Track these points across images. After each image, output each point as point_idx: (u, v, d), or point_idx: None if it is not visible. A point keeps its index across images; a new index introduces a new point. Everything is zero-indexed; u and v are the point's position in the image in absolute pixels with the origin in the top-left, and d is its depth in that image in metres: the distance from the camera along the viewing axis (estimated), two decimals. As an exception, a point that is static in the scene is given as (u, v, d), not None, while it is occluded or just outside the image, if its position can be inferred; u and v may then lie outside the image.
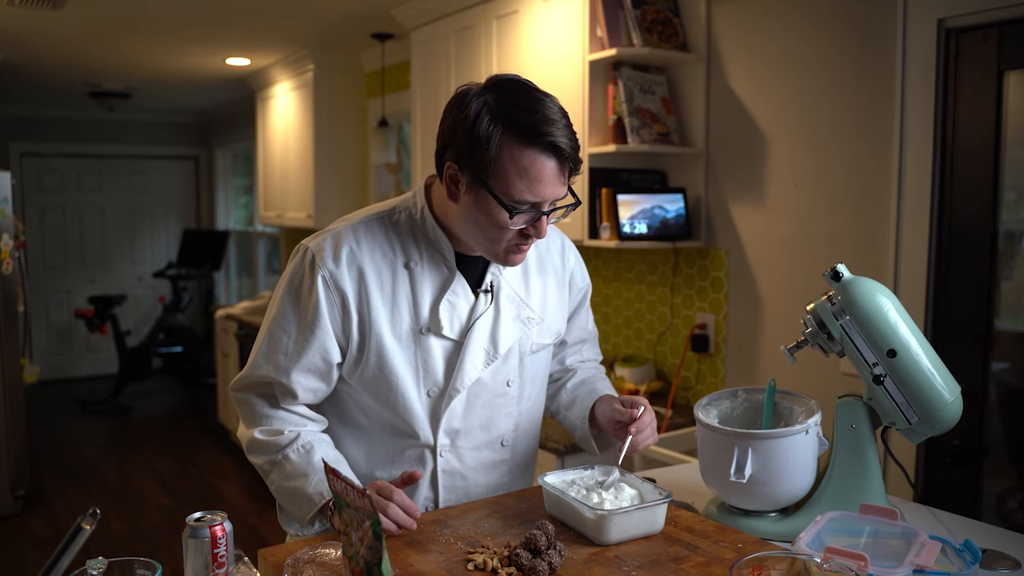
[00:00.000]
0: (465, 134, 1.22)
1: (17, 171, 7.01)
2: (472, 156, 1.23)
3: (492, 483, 1.47)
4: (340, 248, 1.33)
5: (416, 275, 1.35)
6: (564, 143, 1.22)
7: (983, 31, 2.01)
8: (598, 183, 2.74)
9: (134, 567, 1.00)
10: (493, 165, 1.22)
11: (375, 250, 1.34)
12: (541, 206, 1.25)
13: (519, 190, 1.22)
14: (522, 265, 1.45)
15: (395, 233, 1.36)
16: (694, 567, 1.13)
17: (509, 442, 1.47)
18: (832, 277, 1.31)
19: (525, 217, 1.25)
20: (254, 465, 1.40)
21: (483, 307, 1.38)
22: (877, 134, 2.24)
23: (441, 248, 1.36)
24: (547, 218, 1.27)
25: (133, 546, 3.81)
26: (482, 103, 1.23)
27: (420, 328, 1.35)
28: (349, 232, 1.35)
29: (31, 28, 4.11)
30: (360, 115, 5.01)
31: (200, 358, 7.13)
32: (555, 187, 1.25)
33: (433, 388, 1.37)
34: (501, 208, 1.23)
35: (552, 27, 2.85)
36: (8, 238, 4.12)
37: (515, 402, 1.45)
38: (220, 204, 7.82)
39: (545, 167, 1.22)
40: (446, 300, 1.35)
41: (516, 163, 1.21)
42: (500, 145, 1.21)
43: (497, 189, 1.23)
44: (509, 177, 1.22)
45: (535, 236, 1.28)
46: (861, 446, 1.33)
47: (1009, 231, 2.04)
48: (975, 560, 1.18)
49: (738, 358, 2.70)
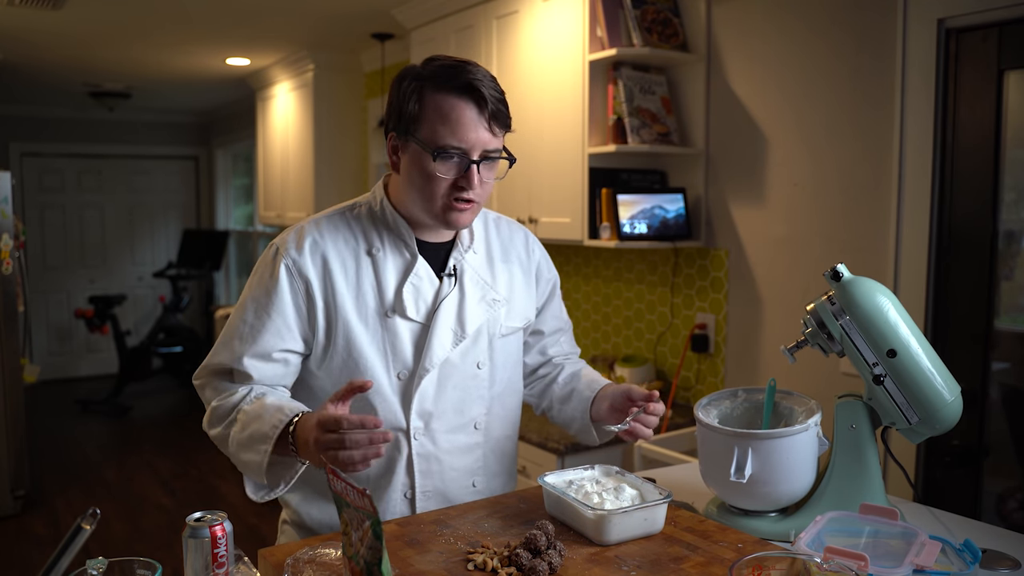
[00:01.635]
0: (397, 99, 1.33)
1: (17, 171, 7.01)
2: (401, 117, 1.32)
3: (467, 466, 1.47)
4: (303, 239, 1.38)
5: (379, 261, 1.40)
6: (482, 86, 1.28)
7: (983, 31, 2.01)
8: (598, 183, 2.74)
9: (134, 567, 1.00)
10: (418, 117, 1.30)
11: (338, 239, 1.39)
12: (468, 153, 1.30)
13: (442, 135, 1.29)
14: (486, 252, 1.50)
15: (357, 224, 1.42)
16: (694, 567, 1.13)
17: (482, 426, 1.48)
18: (832, 277, 1.31)
19: (454, 167, 1.30)
20: (215, 439, 1.37)
21: (448, 289, 1.42)
22: (877, 134, 2.24)
23: (401, 234, 1.41)
24: (478, 169, 1.31)
25: (133, 546, 3.81)
26: (408, 71, 1.34)
27: (386, 311, 1.38)
28: (312, 225, 1.41)
29: (31, 28, 4.11)
30: (360, 115, 5.01)
31: (200, 358, 7.08)
32: (478, 132, 1.29)
33: (403, 371, 1.39)
34: (429, 158, 1.29)
35: (552, 27, 2.85)
36: (8, 238, 4.12)
37: (487, 385, 1.47)
38: (220, 204, 7.82)
39: (464, 110, 1.28)
40: (409, 283, 1.39)
41: (437, 109, 1.29)
42: (421, 96, 1.30)
43: (423, 138, 1.30)
44: (432, 124, 1.29)
45: (467, 188, 1.31)
46: (861, 446, 1.33)
47: (1009, 231, 2.04)
48: (975, 560, 1.18)
49: (738, 358, 2.70)
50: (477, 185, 1.31)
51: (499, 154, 1.34)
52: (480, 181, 1.32)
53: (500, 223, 1.56)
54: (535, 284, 1.57)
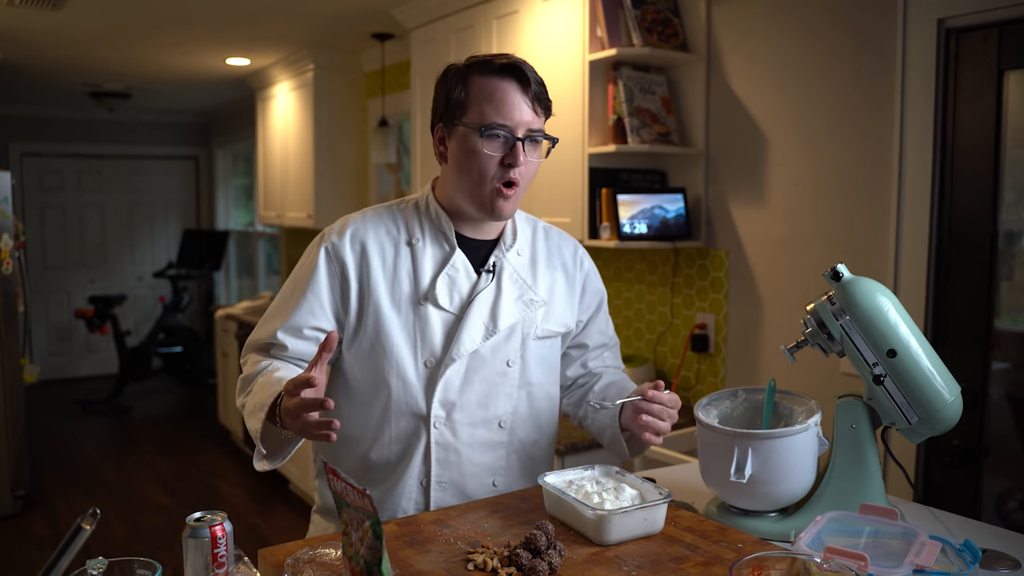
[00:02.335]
0: (440, 91, 1.40)
1: (17, 171, 7.01)
2: (448, 106, 1.38)
3: (488, 463, 1.47)
4: (346, 227, 1.45)
5: (418, 251, 1.44)
6: (523, 65, 1.36)
7: (983, 31, 2.01)
8: (598, 183, 2.74)
9: (134, 567, 1.00)
10: (464, 102, 1.37)
11: (380, 229, 1.45)
12: (514, 131, 1.35)
13: (488, 114, 1.34)
14: (531, 256, 1.52)
15: (401, 217, 1.48)
16: (694, 567, 1.13)
17: (507, 424, 1.48)
18: (832, 277, 1.31)
19: (500, 144, 1.35)
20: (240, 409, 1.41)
21: (484, 284, 1.44)
22: (877, 134, 2.24)
23: (442, 226, 1.45)
24: (523, 147, 1.35)
25: (133, 546, 3.81)
26: (451, 67, 1.41)
27: (419, 298, 1.41)
28: (358, 216, 1.48)
29: (31, 28, 4.11)
30: (360, 115, 5.01)
31: (200, 358, 7.13)
32: (521, 110, 1.35)
33: (430, 359, 1.41)
34: (477, 138, 1.35)
35: (552, 27, 2.85)
36: (8, 238, 4.12)
37: (515, 384, 1.47)
38: (220, 204, 7.82)
39: (508, 90, 1.35)
40: (445, 274, 1.42)
41: (482, 90, 1.35)
42: (467, 83, 1.37)
43: (470, 120, 1.36)
44: (479, 105, 1.35)
45: (514, 164, 1.35)
46: (861, 446, 1.33)
47: (1009, 231, 2.04)
48: (975, 560, 1.18)
49: (738, 358, 2.70)
50: (522, 163, 1.35)
51: (542, 134, 1.39)
52: (525, 159, 1.36)
53: (551, 232, 1.59)
54: (580, 295, 1.58)
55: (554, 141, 1.41)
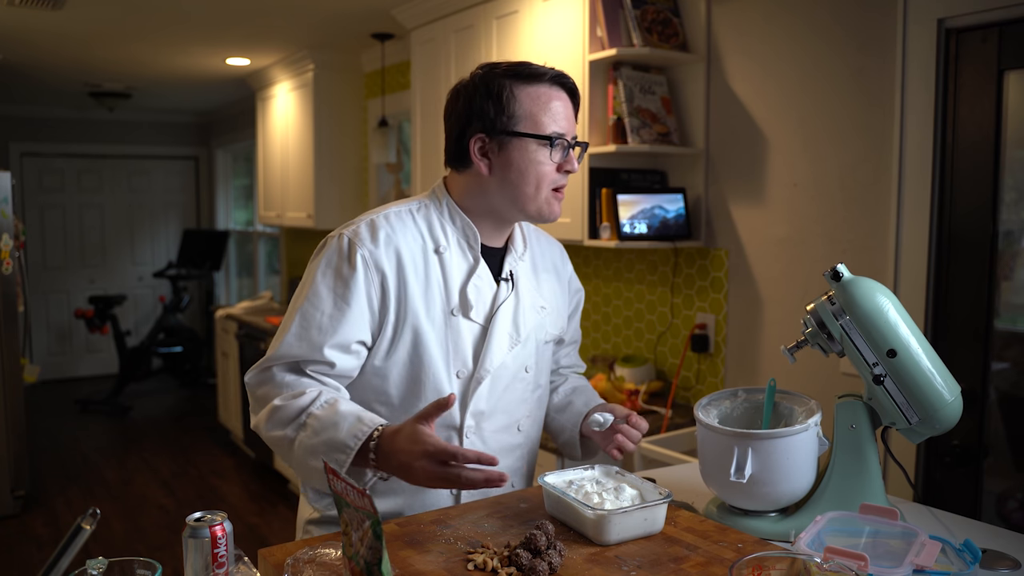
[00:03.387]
0: (483, 100, 1.36)
1: (17, 171, 7.01)
2: (496, 115, 1.36)
3: (509, 467, 1.50)
4: (377, 232, 1.37)
5: (446, 260, 1.41)
6: (566, 76, 1.40)
7: (983, 31, 2.01)
8: (598, 183, 2.74)
9: (134, 567, 1.00)
10: (518, 112, 1.36)
11: (407, 236, 1.39)
12: (567, 138, 1.39)
13: (546, 124, 1.36)
14: (531, 263, 1.53)
15: (424, 222, 1.43)
16: (694, 567, 1.13)
17: (524, 427, 1.51)
18: (832, 277, 1.31)
19: (560, 151, 1.38)
20: (274, 441, 1.33)
21: (505, 294, 1.45)
22: (877, 134, 2.24)
23: (468, 236, 1.43)
24: (574, 153, 1.40)
25: (133, 546, 3.81)
26: (481, 76, 1.38)
27: (451, 310, 1.40)
28: (383, 219, 1.40)
29: (31, 28, 4.11)
30: (360, 115, 5.01)
31: (200, 358, 7.13)
32: (570, 120, 1.40)
33: (463, 370, 1.41)
34: (540, 145, 1.36)
35: (552, 27, 2.85)
36: (8, 238, 4.12)
37: (531, 388, 1.51)
38: (220, 204, 7.82)
39: (559, 99, 1.39)
40: (472, 284, 1.41)
41: (537, 101, 1.36)
42: (518, 93, 1.36)
43: (530, 129, 1.36)
44: (536, 116, 1.36)
45: (570, 170, 1.40)
46: (861, 446, 1.33)
47: (1009, 231, 2.04)
48: (975, 560, 1.18)
49: (738, 358, 2.70)
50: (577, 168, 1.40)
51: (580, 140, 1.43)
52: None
53: (540, 235, 1.62)
54: (568, 296, 1.62)
55: (585, 146, 1.45)
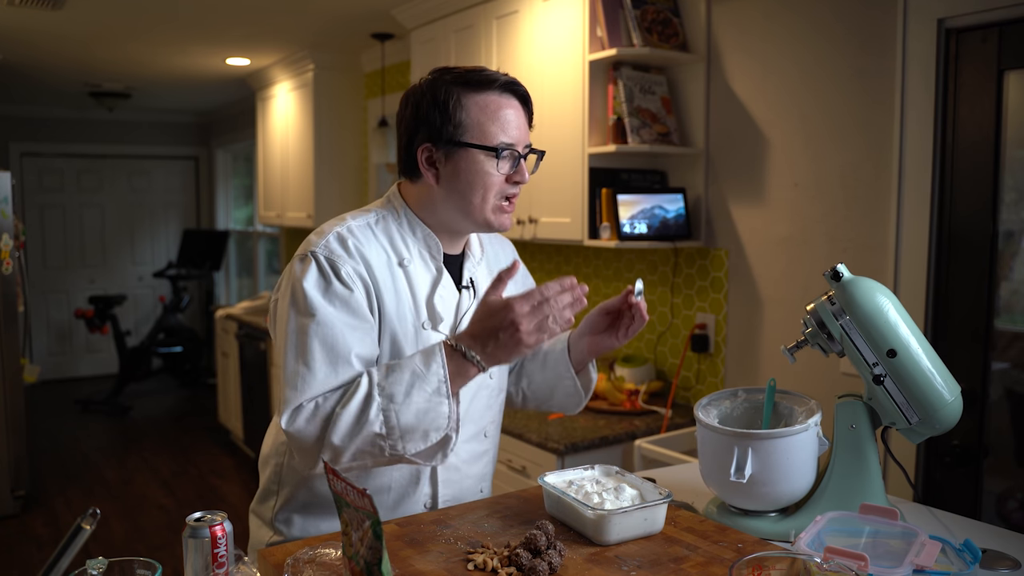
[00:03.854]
0: (430, 109, 1.32)
1: (17, 171, 7.01)
2: (443, 124, 1.32)
3: (478, 473, 1.50)
4: (347, 246, 1.31)
5: (411, 273, 1.38)
6: (517, 83, 1.35)
7: (983, 31, 2.01)
8: (598, 183, 2.74)
9: (134, 567, 1.00)
10: (465, 121, 1.32)
11: (372, 250, 1.34)
12: (518, 148, 1.35)
13: (494, 133, 1.32)
14: (487, 267, 1.52)
15: (384, 235, 1.38)
16: (694, 567, 1.13)
17: (490, 433, 1.51)
18: (832, 277, 1.31)
19: (508, 162, 1.34)
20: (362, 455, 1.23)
21: (467, 303, 1.43)
22: (877, 134, 2.24)
23: (430, 247, 1.40)
24: (525, 163, 1.36)
25: (133, 546, 3.81)
26: (430, 83, 1.34)
27: (421, 323, 1.38)
28: (347, 232, 1.34)
29: (31, 28, 4.11)
30: (360, 115, 5.01)
31: (200, 358, 7.13)
32: (522, 129, 1.35)
33: None
34: (486, 155, 1.32)
35: (552, 27, 2.85)
36: (8, 238, 4.12)
37: (495, 393, 1.50)
38: (220, 204, 7.82)
39: (510, 107, 1.34)
40: (438, 295, 1.39)
41: (484, 110, 1.32)
42: (465, 102, 1.32)
43: (477, 140, 1.32)
44: (483, 125, 1.32)
45: (520, 181, 1.36)
46: (861, 446, 1.33)
47: (1009, 231, 2.04)
48: (975, 560, 1.18)
49: (738, 358, 2.70)
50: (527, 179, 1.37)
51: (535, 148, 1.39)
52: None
53: (491, 237, 1.59)
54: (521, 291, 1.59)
55: (542, 154, 1.41)
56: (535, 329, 1.19)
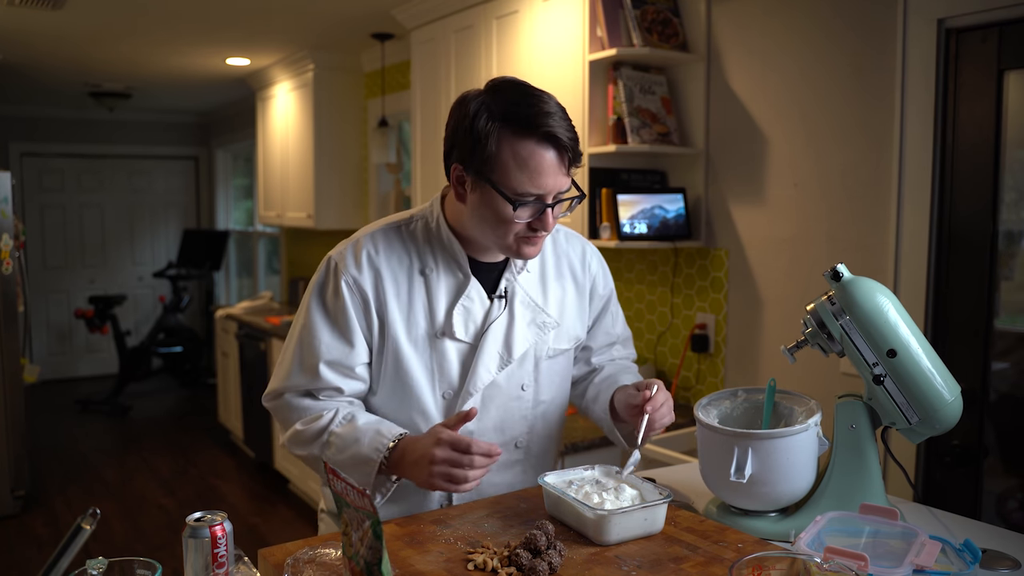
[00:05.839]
0: (466, 134, 1.28)
1: (17, 171, 7.01)
2: (474, 154, 1.27)
3: (507, 482, 1.49)
4: (360, 254, 1.38)
5: (431, 281, 1.39)
6: (561, 132, 1.26)
7: (983, 31, 2.01)
8: (598, 183, 2.74)
9: (134, 567, 1.00)
10: (494, 160, 1.26)
11: (391, 256, 1.39)
12: (544, 198, 1.29)
13: (520, 182, 1.26)
14: (540, 270, 1.48)
15: (411, 241, 1.41)
16: (694, 567, 1.13)
17: (524, 443, 1.49)
18: (832, 277, 1.31)
19: (529, 210, 1.29)
20: (303, 460, 1.41)
21: (497, 312, 1.41)
22: (877, 134, 2.24)
23: (455, 255, 1.40)
24: (552, 211, 1.30)
25: (133, 546, 3.81)
26: (480, 103, 1.28)
27: (436, 332, 1.38)
28: (368, 240, 1.40)
29: (31, 28, 4.11)
30: (360, 115, 5.01)
31: (200, 358, 7.13)
32: (556, 178, 1.28)
33: (448, 390, 1.40)
34: (505, 202, 1.27)
35: (552, 27, 2.85)
36: (8, 238, 4.12)
37: (530, 406, 1.47)
38: (220, 204, 7.82)
39: (544, 158, 1.26)
40: (461, 305, 1.39)
41: (515, 155, 1.26)
42: (499, 140, 1.26)
43: (500, 183, 1.27)
44: (510, 170, 1.26)
45: (541, 229, 1.31)
46: (861, 446, 1.33)
47: (1009, 231, 2.04)
48: (975, 560, 1.18)
49: (738, 358, 2.70)
50: (551, 226, 1.32)
51: (572, 192, 1.33)
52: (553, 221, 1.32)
53: (557, 235, 1.54)
54: (588, 301, 1.55)
55: (582, 196, 1.35)
56: (440, 476, 1.23)
